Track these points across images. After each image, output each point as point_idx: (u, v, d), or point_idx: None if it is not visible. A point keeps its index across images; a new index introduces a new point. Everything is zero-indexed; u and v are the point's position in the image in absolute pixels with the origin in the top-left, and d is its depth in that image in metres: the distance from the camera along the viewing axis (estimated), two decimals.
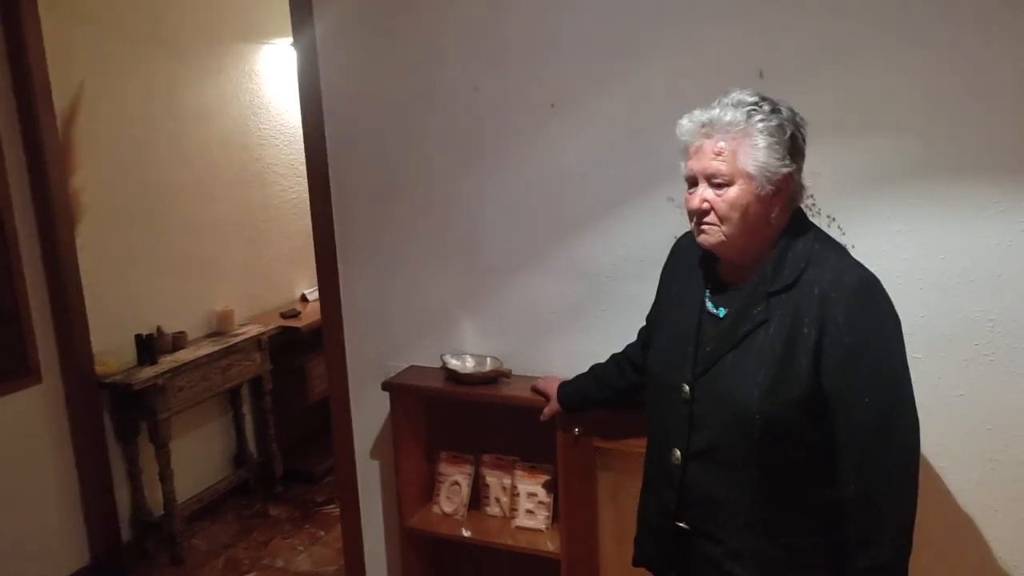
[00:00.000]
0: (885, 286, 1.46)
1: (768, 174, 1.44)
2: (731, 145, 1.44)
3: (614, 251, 2.19)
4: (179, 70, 3.50)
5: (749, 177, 1.44)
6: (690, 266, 1.66)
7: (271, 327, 3.80)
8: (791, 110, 1.49)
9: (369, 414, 2.59)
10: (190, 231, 3.60)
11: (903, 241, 1.90)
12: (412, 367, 2.47)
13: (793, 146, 1.47)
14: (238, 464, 3.90)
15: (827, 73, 1.89)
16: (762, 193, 1.45)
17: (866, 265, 1.49)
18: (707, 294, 1.60)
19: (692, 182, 1.51)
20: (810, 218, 1.59)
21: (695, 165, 1.49)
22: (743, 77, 1.92)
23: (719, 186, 1.46)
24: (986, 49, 1.76)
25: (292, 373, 3.96)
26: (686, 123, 1.51)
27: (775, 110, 1.46)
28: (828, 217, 1.93)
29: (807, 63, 1.90)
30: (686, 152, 1.52)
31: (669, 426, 1.60)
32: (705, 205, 1.48)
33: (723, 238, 1.48)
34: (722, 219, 1.46)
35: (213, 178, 3.71)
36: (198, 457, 3.67)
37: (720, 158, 1.45)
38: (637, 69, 2.06)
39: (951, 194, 1.84)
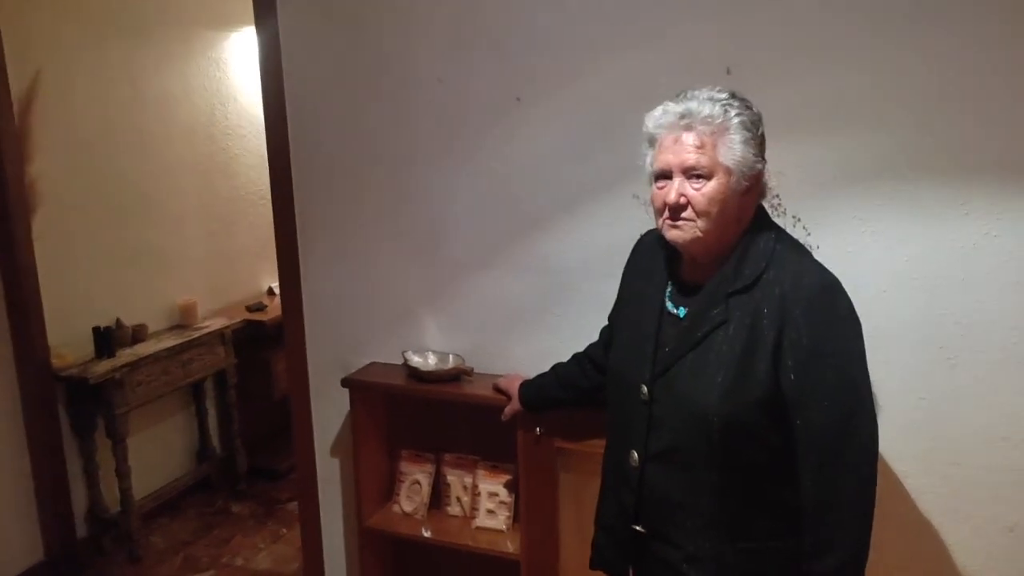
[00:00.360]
0: (849, 287, 1.45)
1: (745, 169, 1.42)
2: (711, 138, 1.41)
3: (579, 248, 2.15)
4: (141, 56, 3.41)
5: (728, 171, 1.41)
6: (652, 264, 1.63)
7: (236, 321, 3.73)
8: (754, 106, 1.47)
9: (330, 411, 2.54)
10: (152, 222, 3.52)
11: (869, 242, 1.88)
12: (374, 364, 2.43)
13: (763, 143, 1.46)
14: (200, 460, 3.83)
15: (795, 70, 1.87)
16: (738, 189, 1.43)
17: (830, 266, 1.47)
18: (668, 293, 1.58)
19: (664, 175, 1.46)
20: (775, 218, 1.57)
21: (671, 158, 1.44)
22: (711, 74, 1.89)
23: (697, 179, 1.42)
24: (960, 49, 1.74)
25: (257, 368, 3.89)
26: (660, 114, 1.46)
27: (747, 106, 1.44)
28: (793, 217, 1.91)
29: (775, 60, 1.88)
30: (655, 144, 1.48)
31: (628, 427, 1.57)
32: (683, 199, 1.44)
33: (698, 234, 1.44)
34: (700, 214, 1.43)
35: (177, 168, 3.63)
36: (158, 453, 3.59)
37: (701, 151, 1.41)
38: (605, 64, 2.03)
39: (919, 195, 1.82)
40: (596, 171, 2.09)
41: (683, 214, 1.45)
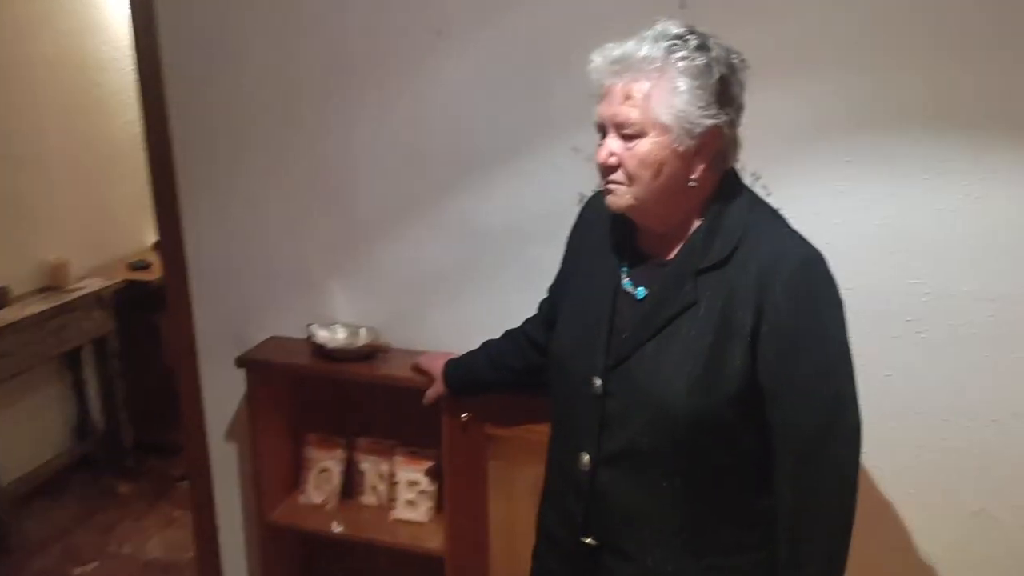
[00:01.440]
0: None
1: (688, 125, 1.17)
2: (644, 87, 1.17)
3: (511, 206, 1.88)
4: None
5: (664, 128, 1.17)
6: (603, 233, 1.38)
7: (116, 281, 3.32)
8: (726, 49, 1.22)
9: (224, 391, 2.22)
10: (9, 167, 3.05)
11: (836, 203, 1.68)
12: (273, 338, 2.12)
13: (723, 92, 1.20)
14: (80, 436, 3.44)
15: (763, 3, 1.62)
16: (680, 148, 1.19)
17: (796, 230, 1.27)
18: (623, 269, 1.34)
19: (602, 131, 1.24)
20: None
21: (604, 110, 1.22)
22: (663, 5, 1.63)
23: (629, 137, 1.19)
24: None
25: (144, 332, 3.48)
26: (597, 59, 1.22)
27: (703, 46, 1.18)
28: (752, 175, 1.68)
29: None
30: (599, 95, 1.24)
31: (577, 425, 1.34)
32: (612, 159, 1.21)
33: (632, 201, 1.23)
34: (631, 177, 1.21)
35: (38, 104, 3.15)
36: (29, 430, 3.20)
37: (630, 103, 1.18)
38: None
39: (895, 152, 1.63)
40: (531, 118, 1.81)
41: (613, 176, 1.23)
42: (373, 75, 1.89)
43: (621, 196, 1.24)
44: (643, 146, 1.19)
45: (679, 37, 1.18)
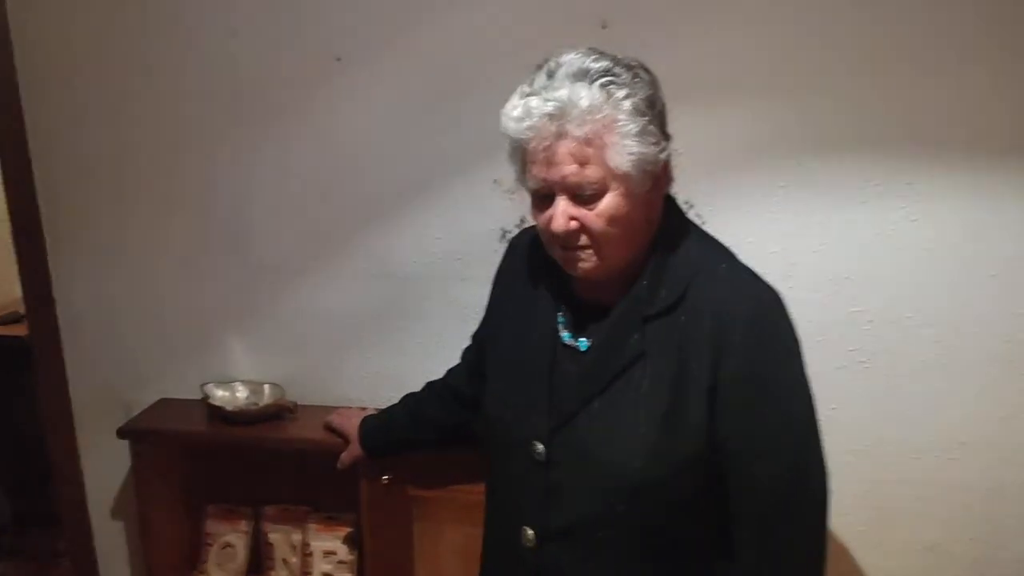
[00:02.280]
0: None
1: (647, 166, 1.05)
2: (595, 140, 1.01)
3: (427, 246, 1.73)
4: None
5: (625, 178, 1.04)
6: (533, 276, 1.24)
7: None
8: (644, 67, 1.09)
9: (106, 462, 1.95)
10: None
11: (771, 232, 1.61)
12: (163, 400, 1.89)
13: (663, 116, 1.09)
14: None
15: (684, 23, 1.53)
16: (639, 193, 1.06)
17: (748, 267, 1.16)
18: (560, 318, 1.19)
19: (544, 194, 1.07)
20: None
21: (548, 174, 1.04)
22: (581, 27, 1.53)
23: (589, 199, 1.04)
24: (880, 5, 1.47)
25: (16, 392, 3.14)
26: (520, 115, 1.03)
27: (635, 75, 1.05)
28: (685, 203, 1.57)
29: (660, 11, 1.53)
30: (521, 153, 1.07)
31: (519, 496, 1.19)
32: (574, 224, 1.05)
33: (601, 262, 1.08)
34: (600, 239, 1.06)
35: None
36: None
37: (583, 163, 1.02)
38: (449, 13, 1.60)
39: (827, 177, 1.56)
40: (445, 149, 1.67)
41: (579, 242, 1.07)
42: (268, 105, 1.71)
43: (589, 261, 1.08)
44: (607, 203, 1.04)
45: (607, 72, 1.03)
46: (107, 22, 1.71)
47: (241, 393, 1.81)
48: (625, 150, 1.02)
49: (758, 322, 1.08)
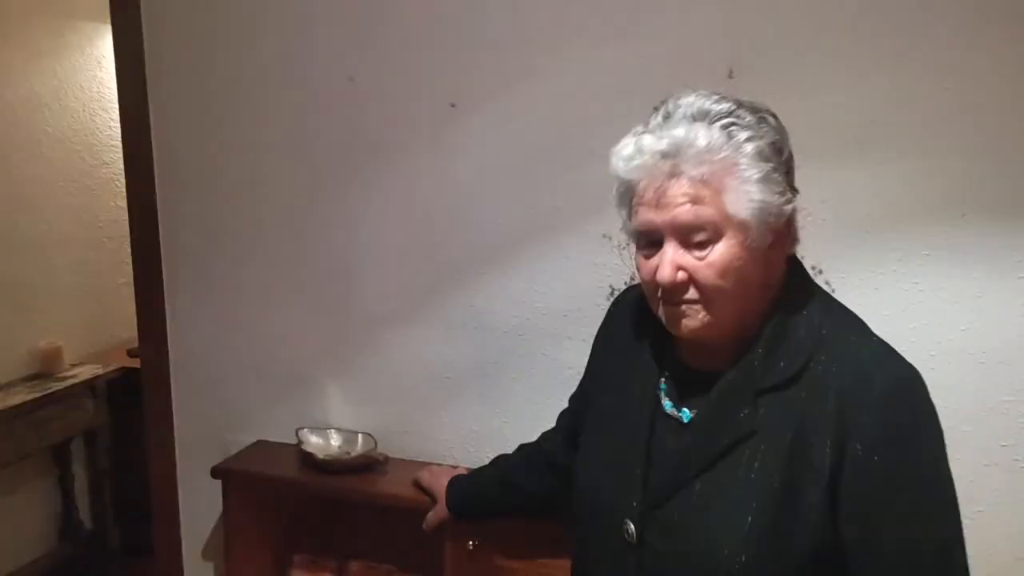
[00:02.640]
0: None
1: (770, 218, 0.94)
2: (713, 182, 0.93)
3: (529, 301, 1.65)
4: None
5: (742, 226, 0.94)
6: (636, 339, 1.14)
7: (110, 368, 3.10)
8: (771, 112, 0.99)
9: (203, 502, 1.96)
10: (5, 250, 2.89)
11: (911, 304, 1.43)
12: (260, 443, 1.88)
13: (791, 168, 0.99)
14: (66, 537, 3.16)
15: (823, 72, 1.42)
16: (762, 245, 0.95)
17: (884, 341, 1.01)
18: (662, 385, 1.08)
19: (651, 240, 0.98)
20: None
21: (658, 217, 0.95)
22: (707, 75, 1.44)
23: (700, 245, 0.95)
24: None
25: (137, 424, 3.25)
26: (631, 152, 0.97)
27: (760, 119, 0.96)
28: (814, 268, 1.45)
29: (789, 58, 1.43)
30: (630, 195, 1.00)
31: None
32: (681, 276, 0.95)
33: (709, 319, 0.97)
34: (708, 293, 0.96)
35: (40, 184, 3.01)
36: (11, 530, 2.93)
37: (699, 205, 0.93)
38: (564, 62, 1.55)
39: (979, 245, 1.39)
40: (553, 200, 1.60)
41: (685, 295, 0.97)
42: (380, 153, 1.70)
43: (695, 318, 0.98)
44: (720, 253, 0.94)
45: (730, 113, 0.95)
46: (231, 69, 1.76)
47: (335, 441, 1.78)
48: (746, 196, 0.92)
49: (893, 402, 0.94)
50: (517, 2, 1.55)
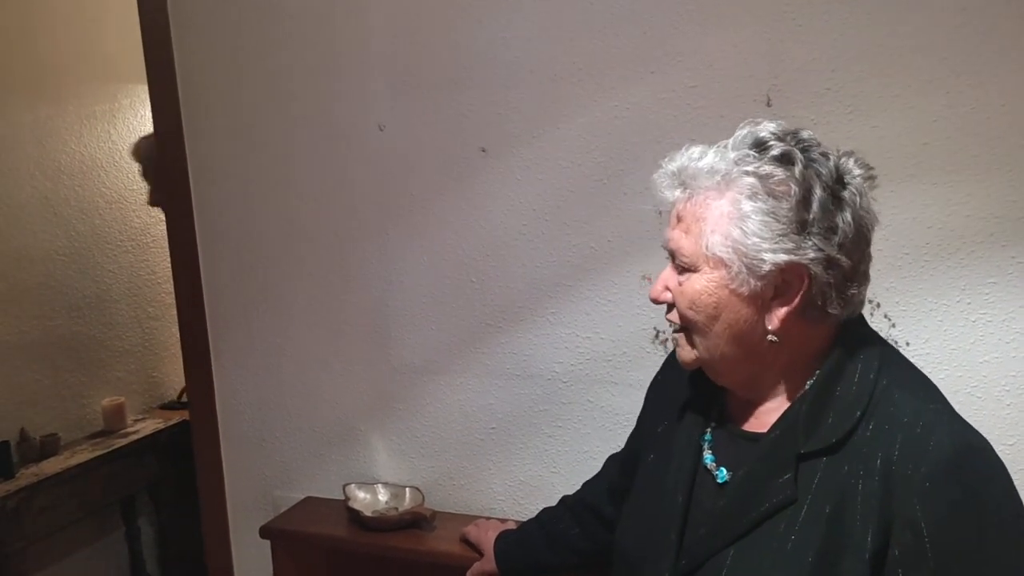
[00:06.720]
0: (954, 400, 0.92)
1: (750, 261, 0.87)
2: (697, 209, 0.90)
3: (572, 346, 1.60)
4: (54, 116, 2.90)
5: (718, 263, 0.89)
6: (688, 389, 1.08)
7: (172, 422, 3.14)
8: (837, 162, 0.90)
9: (255, 559, 1.94)
10: (67, 309, 2.97)
11: (980, 337, 1.33)
12: (308, 499, 1.85)
13: (823, 219, 0.87)
14: None
15: (861, 95, 1.34)
16: (743, 291, 0.89)
17: (948, 406, 0.91)
18: (707, 436, 1.01)
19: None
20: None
21: (665, 234, 0.97)
22: (745, 104, 1.38)
23: (682, 269, 0.93)
24: None
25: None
26: (658, 173, 0.98)
27: (787, 157, 0.88)
28: (870, 302, 1.36)
29: (830, 83, 1.35)
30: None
31: None
32: (664, 295, 0.96)
33: (696, 354, 0.95)
34: (685, 322, 0.94)
35: (100, 244, 3.09)
36: None
37: (682, 226, 0.92)
38: (596, 103, 1.50)
39: None
40: (592, 241, 1.55)
41: (669, 316, 0.97)
42: (413, 199, 1.68)
43: (684, 347, 0.97)
44: (692, 282, 0.92)
45: (761, 144, 0.89)
46: (266, 115, 1.76)
47: (382, 495, 1.74)
48: (723, 230, 0.88)
49: (948, 479, 0.84)
50: (543, 41, 1.52)
